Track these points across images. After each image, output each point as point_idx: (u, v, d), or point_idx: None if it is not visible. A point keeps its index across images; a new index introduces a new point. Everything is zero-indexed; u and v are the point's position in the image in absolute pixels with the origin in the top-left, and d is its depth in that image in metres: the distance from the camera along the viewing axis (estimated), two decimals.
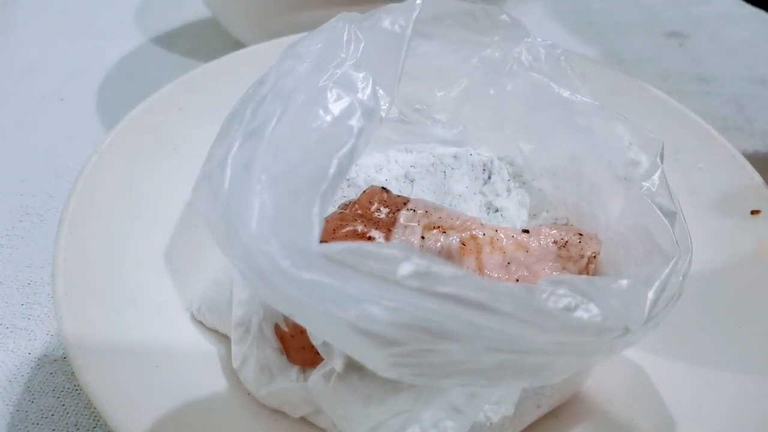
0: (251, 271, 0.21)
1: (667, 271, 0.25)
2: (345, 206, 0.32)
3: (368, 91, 0.26)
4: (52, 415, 0.34)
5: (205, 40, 0.64)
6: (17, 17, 0.67)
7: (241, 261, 0.21)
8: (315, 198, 0.21)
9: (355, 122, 0.25)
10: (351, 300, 0.19)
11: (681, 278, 0.25)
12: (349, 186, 0.35)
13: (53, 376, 0.35)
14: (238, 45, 0.51)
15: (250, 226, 0.21)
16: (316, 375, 0.28)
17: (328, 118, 0.24)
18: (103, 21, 0.67)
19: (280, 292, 0.20)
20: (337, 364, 0.27)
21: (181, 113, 0.40)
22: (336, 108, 0.25)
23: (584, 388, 0.32)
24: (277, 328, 0.29)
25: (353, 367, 0.27)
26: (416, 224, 0.29)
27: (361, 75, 0.26)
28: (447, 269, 0.20)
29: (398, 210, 0.30)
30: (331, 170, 0.22)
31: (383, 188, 0.32)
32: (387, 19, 0.29)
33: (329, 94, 0.25)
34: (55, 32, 0.65)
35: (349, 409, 0.28)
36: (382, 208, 0.31)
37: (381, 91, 0.27)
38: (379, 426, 0.27)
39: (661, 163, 0.29)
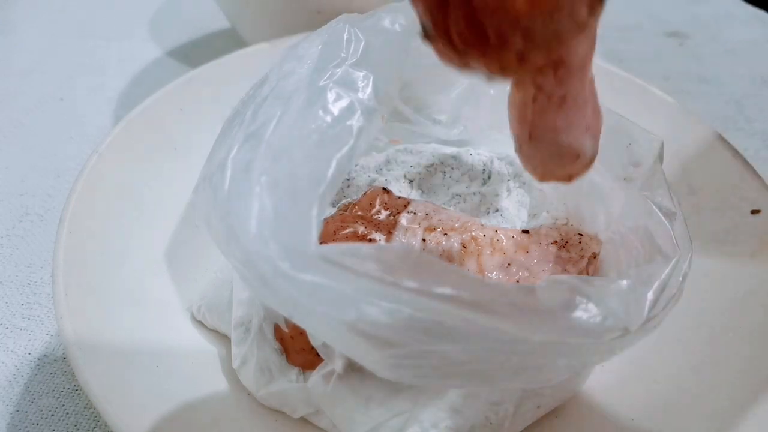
0: (250, 273, 0.21)
1: (667, 271, 0.25)
2: (345, 207, 0.32)
3: (368, 90, 0.26)
4: (52, 415, 0.34)
5: (208, 40, 0.64)
6: (17, 17, 0.67)
7: (240, 263, 0.21)
8: (314, 200, 0.21)
9: (354, 122, 0.25)
10: (350, 301, 0.19)
11: (681, 279, 0.25)
12: (349, 186, 0.35)
13: (53, 377, 0.35)
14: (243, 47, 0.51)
15: (249, 228, 0.21)
16: (316, 376, 0.28)
17: (328, 118, 0.24)
18: (103, 21, 0.67)
19: (279, 293, 0.20)
20: (337, 366, 0.27)
21: (182, 113, 0.40)
22: (336, 108, 0.25)
23: (584, 388, 0.32)
24: (277, 330, 0.29)
25: (353, 368, 0.27)
26: (417, 227, 0.29)
27: (361, 74, 0.26)
28: (446, 270, 0.20)
29: (399, 212, 0.30)
30: (330, 171, 0.22)
31: (384, 189, 0.32)
32: (387, 19, 0.29)
33: (329, 94, 0.25)
34: (55, 32, 0.65)
35: (349, 410, 0.28)
36: (382, 210, 0.31)
37: (381, 90, 0.27)
38: (380, 426, 0.27)
39: (661, 163, 0.29)
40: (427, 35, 0.20)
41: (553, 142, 0.23)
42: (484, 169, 0.36)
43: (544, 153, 0.24)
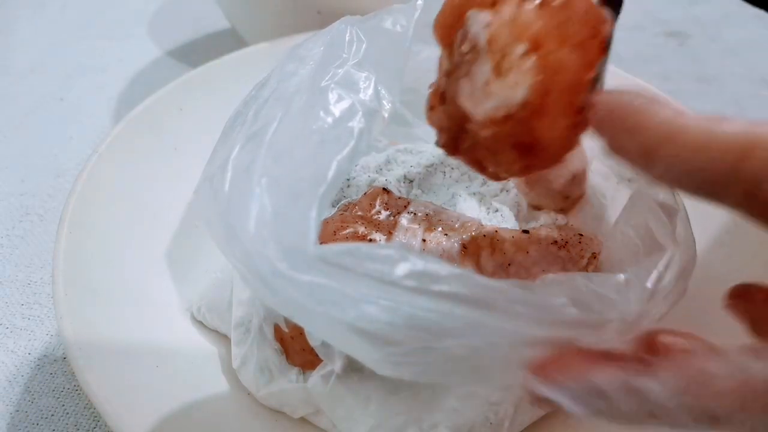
0: (250, 272, 0.21)
1: (663, 261, 0.25)
2: (345, 207, 0.32)
3: (370, 91, 0.26)
4: (52, 415, 0.34)
5: (208, 40, 0.64)
6: (17, 17, 0.67)
7: (240, 263, 0.21)
8: (313, 200, 0.21)
9: (356, 124, 0.25)
10: (349, 301, 0.19)
11: (682, 275, 0.25)
12: (349, 186, 0.35)
13: (53, 377, 0.35)
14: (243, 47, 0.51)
15: (249, 228, 0.21)
16: (315, 376, 0.28)
17: (329, 119, 0.24)
18: (103, 21, 0.67)
19: (278, 293, 0.20)
20: (337, 366, 0.27)
21: (181, 113, 0.40)
22: (337, 109, 0.25)
23: None
24: (277, 330, 0.29)
25: (353, 368, 0.27)
26: (417, 227, 0.29)
27: (363, 75, 0.26)
28: (444, 268, 0.20)
29: (399, 212, 0.30)
30: (331, 173, 0.22)
31: (384, 189, 0.32)
32: (389, 20, 0.29)
33: (330, 95, 0.25)
34: (55, 32, 0.65)
35: (348, 410, 0.28)
36: (383, 210, 0.31)
37: (383, 91, 0.27)
38: (379, 426, 0.27)
39: None
40: (439, 146, 0.25)
41: (544, 187, 0.29)
42: None
43: (538, 194, 0.30)
